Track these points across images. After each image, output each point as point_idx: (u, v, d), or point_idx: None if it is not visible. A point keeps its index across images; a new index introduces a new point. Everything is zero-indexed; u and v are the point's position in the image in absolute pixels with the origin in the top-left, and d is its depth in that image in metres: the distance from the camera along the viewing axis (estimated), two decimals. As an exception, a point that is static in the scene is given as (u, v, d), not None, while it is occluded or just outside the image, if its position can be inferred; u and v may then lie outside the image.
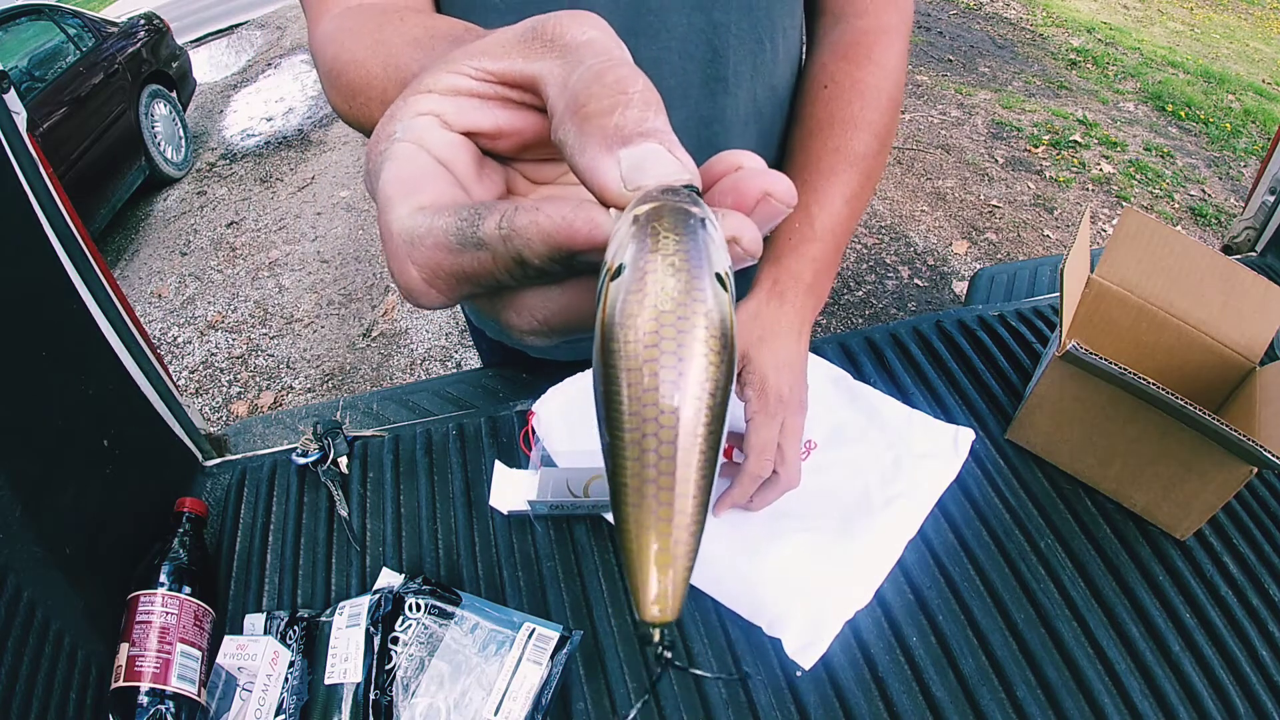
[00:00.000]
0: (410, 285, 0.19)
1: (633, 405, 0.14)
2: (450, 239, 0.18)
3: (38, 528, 0.55)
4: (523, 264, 0.18)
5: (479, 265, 0.18)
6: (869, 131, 0.59)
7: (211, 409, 2.42)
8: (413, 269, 0.19)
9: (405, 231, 0.19)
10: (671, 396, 0.13)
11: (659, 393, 0.13)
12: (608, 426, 0.14)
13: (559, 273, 0.18)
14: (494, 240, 0.17)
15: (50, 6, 3.45)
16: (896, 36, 0.62)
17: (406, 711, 0.55)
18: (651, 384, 0.13)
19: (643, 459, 0.14)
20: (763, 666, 0.58)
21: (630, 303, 0.14)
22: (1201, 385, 0.70)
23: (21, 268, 0.60)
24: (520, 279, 0.18)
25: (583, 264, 0.18)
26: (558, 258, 0.17)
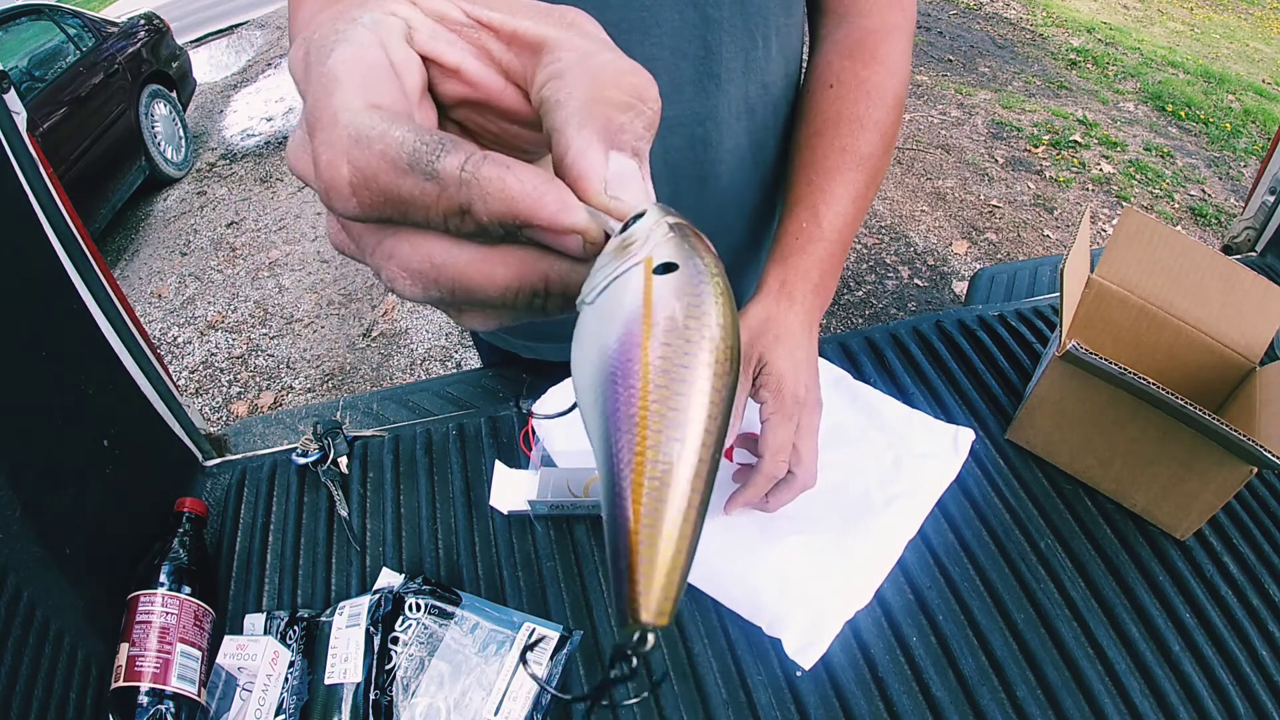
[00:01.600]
0: (333, 182, 0.17)
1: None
2: (403, 156, 0.17)
3: (38, 528, 0.55)
4: (465, 213, 0.17)
5: (419, 194, 0.17)
6: (875, 131, 0.59)
7: (211, 409, 2.42)
8: (345, 167, 0.17)
9: (354, 125, 0.17)
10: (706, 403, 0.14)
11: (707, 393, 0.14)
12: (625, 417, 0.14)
13: (495, 235, 0.18)
14: (450, 178, 0.17)
15: (50, 6, 3.45)
16: (900, 35, 0.62)
17: (406, 711, 0.55)
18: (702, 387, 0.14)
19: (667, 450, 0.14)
20: (763, 666, 0.58)
21: (706, 297, 0.15)
22: (1201, 385, 0.70)
23: (21, 268, 0.60)
24: (450, 225, 0.17)
25: (524, 237, 0.18)
26: (506, 222, 0.17)
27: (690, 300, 0.15)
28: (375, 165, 0.17)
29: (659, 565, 0.14)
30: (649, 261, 0.16)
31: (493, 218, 0.17)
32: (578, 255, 0.18)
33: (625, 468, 0.14)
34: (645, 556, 0.14)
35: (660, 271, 0.15)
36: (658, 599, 0.14)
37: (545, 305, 0.19)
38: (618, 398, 0.14)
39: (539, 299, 0.18)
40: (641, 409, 0.14)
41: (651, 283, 0.15)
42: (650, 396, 0.14)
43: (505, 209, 0.17)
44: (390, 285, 0.18)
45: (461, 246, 0.18)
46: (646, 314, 0.15)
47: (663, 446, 0.14)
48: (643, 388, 0.14)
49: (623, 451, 0.14)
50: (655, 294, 0.15)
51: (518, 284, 0.18)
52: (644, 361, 0.14)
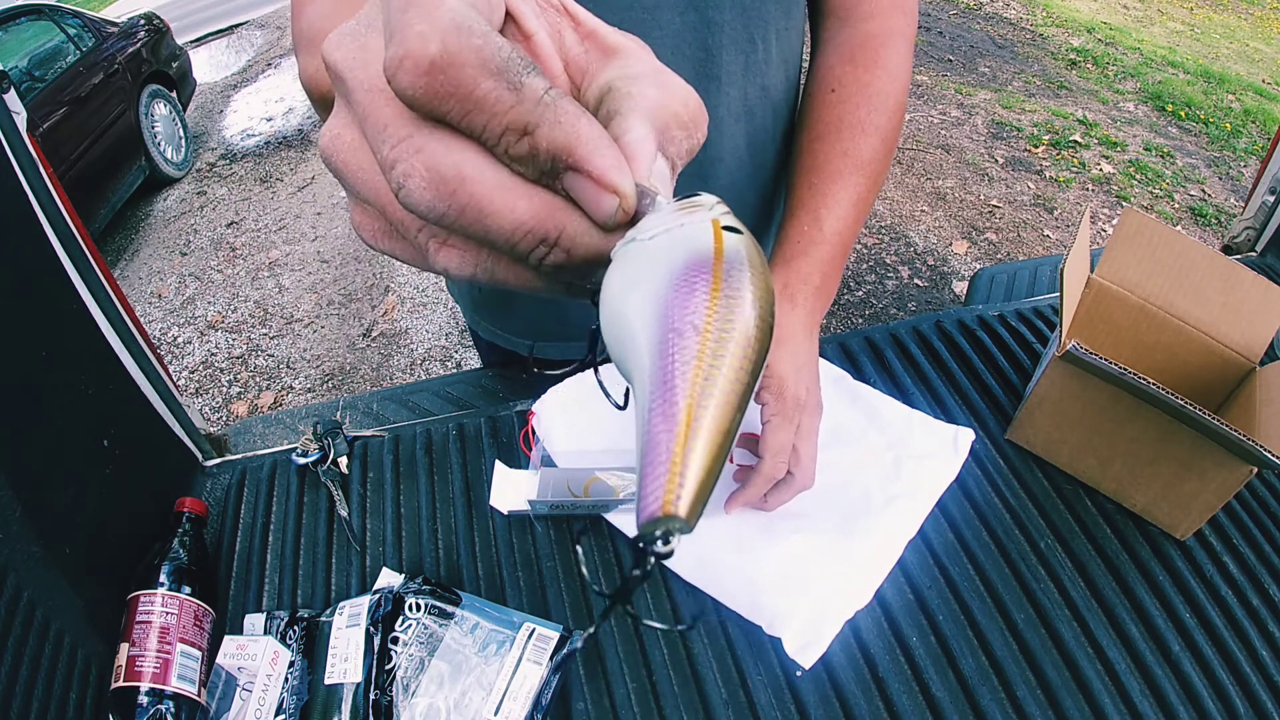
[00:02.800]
0: (417, 53, 0.17)
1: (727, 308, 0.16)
2: (497, 59, 0.17)
3: (38, 528, 0.55)
4: (526, 134, 0.17)
5: (494, 99, 0.17)
6: (876, 136, 0.59)
7: (211, 409, 2.42)
8: (436, 43, 0.17)
9: (461, 13, 0.17)
10: (755, 313, 0.16)
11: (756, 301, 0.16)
12: (678, 319, 0.15)
13: (539, 168, 0.18)
14: (531, 94, 0.17)
15: (50, 6, 3.45)
16: (902, 40, 0.62)
17: (406, 711, 0.55)
18: (753, 323, 0.16)
19: (719, 351, 0.15)
20: (762, 666, 0.58)
21: (760, 259, 0.17)
22: (1201, 385, 0.70)
23: (21, 268, 0.60)
24: (505, 142, 0.18)
25: (560, 186, 0.18)
26: (558, 159, 0.18)
27: (749, 256, 0.16)
28: (466, 56, 0.17)
29: (696, 466, 0.14)
30: (717, 222, 0.17)
31: (551, 147, 0.17)
32: (603, 219, 0.18)
33: (680, 369, 0.15)
34: (690, 453, 0.14)
35: (727, 230, 0.17)
36: (691, 496, 0.14)
37: (545, 257, 0.19)
38: (685, 308, 0.15)
39: (544, 248, 0.18)
40: (707, 320, 0.15)
41: (721, 235, 0.17)
42: (714, 314, 0.15)
43: (567, 143, 0.17)
44: (402, 182, 0.18)
45: (495, 168, 0.18)
46: (718, 250, 0.16)
47: (716, 359, 0.15)
48: (711, 304, 0.15)
49: (683, 354, 0.15)
50: (725, 243, 0.17)
51: (532, 224, 0.18)
52: (714, 284, 0.16)
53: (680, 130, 0.20)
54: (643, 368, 0.16)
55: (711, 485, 0.14)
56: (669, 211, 0.18)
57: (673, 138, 0.20)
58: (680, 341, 0.15)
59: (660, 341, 0.15)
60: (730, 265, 0.16)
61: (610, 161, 0.18)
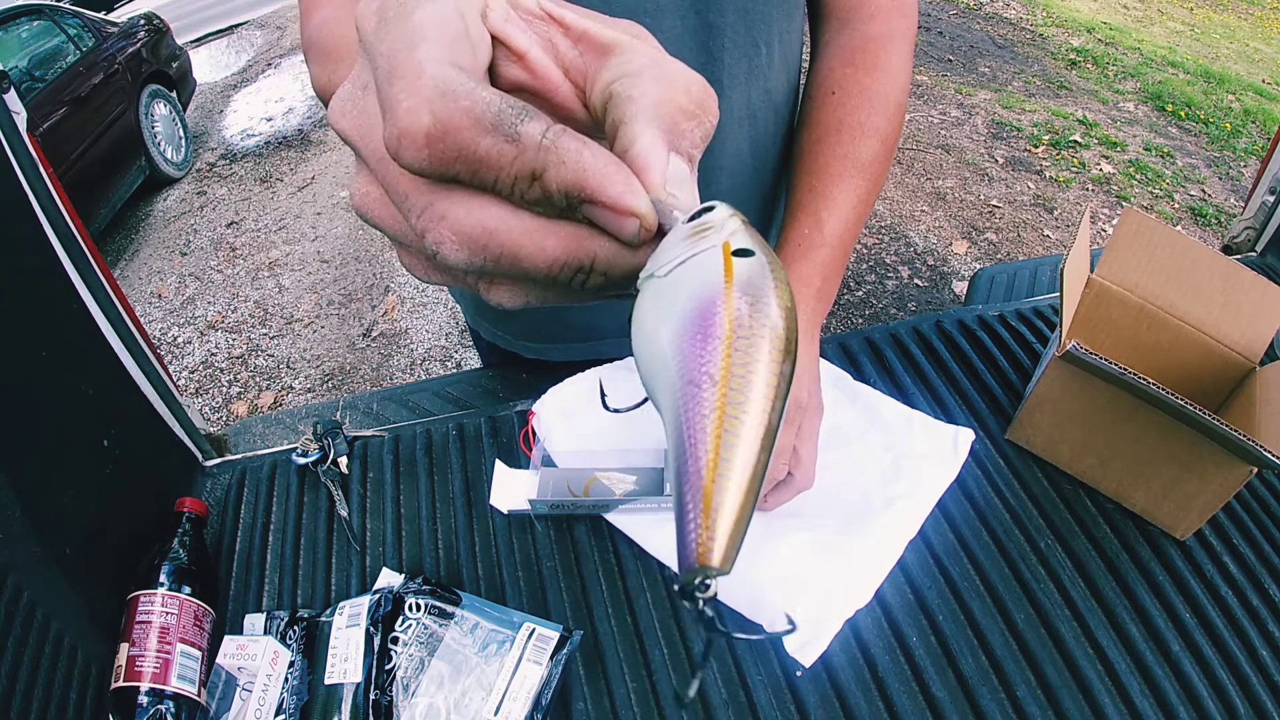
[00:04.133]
0: (411, 129, 0.17)
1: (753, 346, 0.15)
2: (488, 115, 0.17)
3: (38, 528, 0.55)
4: (535, 179, 0.18)
5: (495, 154, 0.17)
6: (876, 138, 0.59)
7: (211, 409, 2.42)
8: (427, 116, 0.17)
9: (441, 77, 0.17)
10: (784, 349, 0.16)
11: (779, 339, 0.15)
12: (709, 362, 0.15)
13: (557, 206, 0.18)
14: (530, 142, 0.17)
15: (50, 6, 3.45)
16: (902, 42, 0.62)
17: (406, 711, 0.55)
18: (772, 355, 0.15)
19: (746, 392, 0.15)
20: (762, 666, 0.58)
21: (776, 279, 0.16)
22: (1201, 385, 0.70)
23: (21, 268, 0.60)
24: (517, 190, 0.18)
25: (581, 215, 0.18)
26: (571, 196, 0.18)
27: (762, 284, 0.16)
28: (459, 119, 0.17)
29: (727, 515, 0.14)
30: (727, 245, 0.17)
31: (562, 187, 0.18)
32: (628, 239, 0.19)
33: (702, 421, 0.15)
34: (718, 505, 0.14)
35: (738, 255, 0.17)
36: (723, 548, 0.14)
37: (585, 283, 0.19)
38: (697, 358, 0.15)
39: (582, 275, 0.19)
40: (724, 368, 0.15)
41: (732, 262, 0.16)
42: (730, 360, 0.15)
43: (576, 180, 0.17)
44: (435, 248, 0.18)
45: (517, 215, 0.18)
46: (728, 286, 0.16)
47: (738, 406, 0.15)
48: (725, 350, 0.15)
49: (701, 406, 0.15)
50: (736, 270, 0.16)
51: (565, 258, 0.19)
52: (727, 329, 0.15)
53: (688, 121, 0.20)
54: (669, 413, 0.16)
55: (743, 531, 0.15)
56: (683, 235, 0.18)
57: (682, 131, 0.19)
58: (698, 394, 0.15)
59: (680, 394, 0.15)
60: (741, 300, 0.16)
61: (621, 188, 0.18)
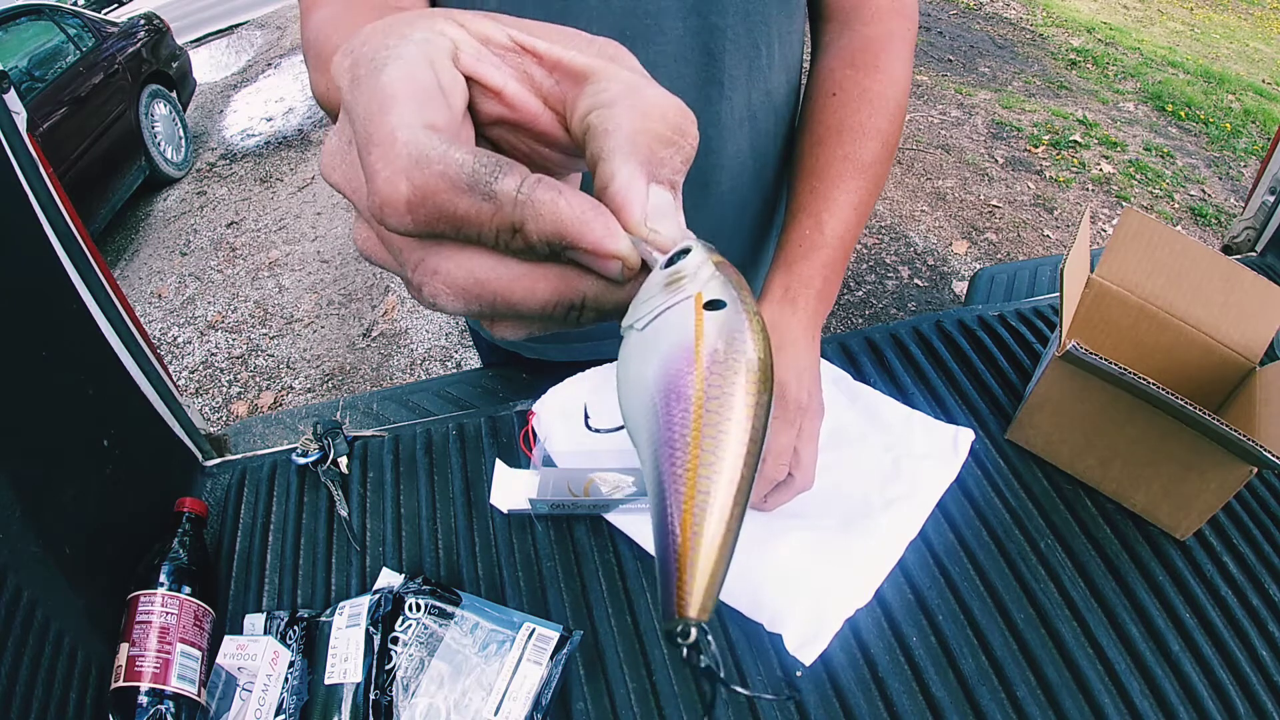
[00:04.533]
0: (391, 199, 0.18)
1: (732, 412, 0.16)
2: (462, 177, 0.18)
3: (38, 528, 0.55)
4: (516, 231, 0.18)
5: (474, 213, 0.18)
6: (877, 139, 0.60)
7: (211, 409, 2.42)
8: (404, 184, 0.18)
9: (414, 144, 0.18)
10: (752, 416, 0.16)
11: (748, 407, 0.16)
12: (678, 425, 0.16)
13: (540, 254, 0.19)
14: (506, 199, 0.18)
15: (50, 6, 3.45)
16: (902, 43, 0.62)
17: (406, 711, 0.55)
18: (745, 413, 0.16)
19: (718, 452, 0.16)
20: (763, 666, 0.58)
21: (750, 337, 0.17)
22: (1201, 385, 0.70)
23: (21, 268, 0.60)
24: (500, 242, 0.18)
25: (568, 258, 0.19)
26: (553, 244, 0.18)
27: (734, 335, 0.17)
28: (435, 184, 0.18)
29: (702, 571, 0.15)
30: (699, 297, 0.17)
31: (542, 237, 0.18)
32: (614, 279, 0.19)
33: (676, 483, 0.16)
34: (691, 563, 0.15)
35: (709, 307, 0.17)
36: (700, 599, 0.15)
37: (579, 318, 0.20)
38: (670, 420, 0.16)
39: (574, 312, 0.20)
40: (694, 432, 0.16)
41: (702, 318, 0.17)
42: (700, 421, 0.16)
43: (555, 230, 0.18)
44: (432, 300, 0.19)
45: (505, 264, 0.19)
46: (698, 348, 0.17)
47: (709, 466, 0.15)
48: (695, 413, 0.16)
49: (674, 468, 0.16)
50: (705, 329, 0.17)
51: (556, 299, 0.19)
52: (697, 391, 0.16)
53: (667, 149, 0.20)
54: (647, 470, 0.16)
55: (719, 584, 0.15)
56: (659, 284, 0.18)
57: (661, 160, 0.19)
58: (672, 455, 0.16)
59: (658, 453, 0.16)
60: (711, 360, 0.16)
61: (600, 233, 0.18)
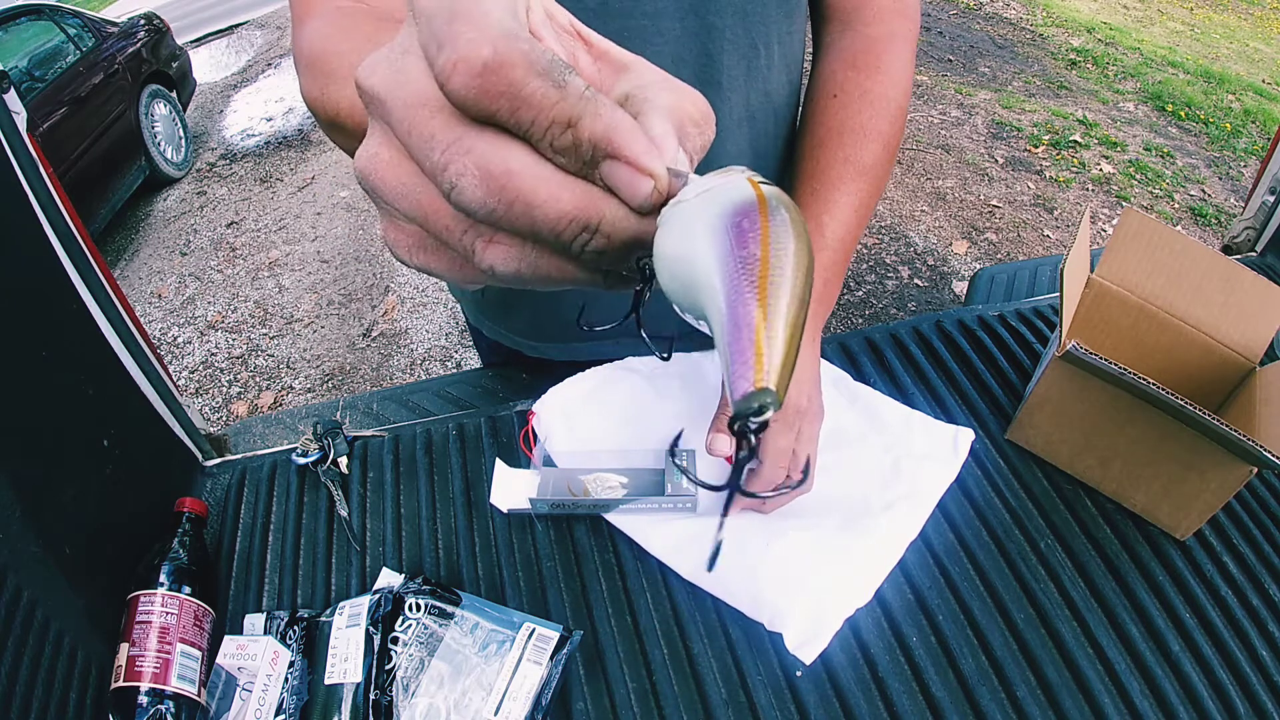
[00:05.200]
0: (470, 57, 0.18)
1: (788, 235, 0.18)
2: (541, 62, 0.18)
3: (38, 528, 0.55)
4: (570, 127, 0.19)
5: (541, 96, 0.19)
6: (878, 142, 0.59)
7: (211, 409, 2.42)
8: (488, 48, 0.18)
9: (506, 22, 0.19)
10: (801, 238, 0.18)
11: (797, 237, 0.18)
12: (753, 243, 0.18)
13: (581, 158, 0.20)
14: (575, 91, 0.19)
15: (50, 6, 3.45)
16: (904, 44, 0.62)
17: (406, 711, 0.55)
18: (799, 255, 0.17)
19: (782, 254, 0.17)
20: (762, 666, 0.58)
21: (797, 209, 0.19)
22: (1201, 385, 0.70)
23: (21, 268, 0.60)
24: (551, 135, 0.19)
25: (599, 177, 0.20)
26: (599, 147, 0.19)
27: (786, 202, 0.19)
28: (516, 57, 0.18)
29: (779, 341, 0.16)
30: (751, 178, 0.19)
31: (593, 137, 0.19)
32: (640, 203, 0.20)
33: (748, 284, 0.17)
34: (770, 329, 0.16)
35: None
36: (777, 369, 0.15)
37: (587, 244, 0.20)
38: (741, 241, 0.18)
39: (586, 234, 0.20)
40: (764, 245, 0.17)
41: (758, 185, 0.19)
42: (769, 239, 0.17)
43: (606, 133, 0.19)
44: (454, 182, 0.19)
45: (540, 164, 0.20)
46: (761, 197, 0.18)
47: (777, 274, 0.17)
48: (763, 239, 0.17)
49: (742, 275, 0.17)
50: (764, 191, 0.19)
51: (574, 213, 0.20)
52: (763, 226, 0.18)
53: (694, 128, 0.22)
54: (715, 291, 0.17)
55: (793, 362, 0.16)
56: (704, 177, 0.20)
57: (688, 134, 0.22)
58: (746, 262, 0.17)
59: (728, 267, 0.17)
60: (772, 204, 0.18)
61: (644, 147, 0.20)
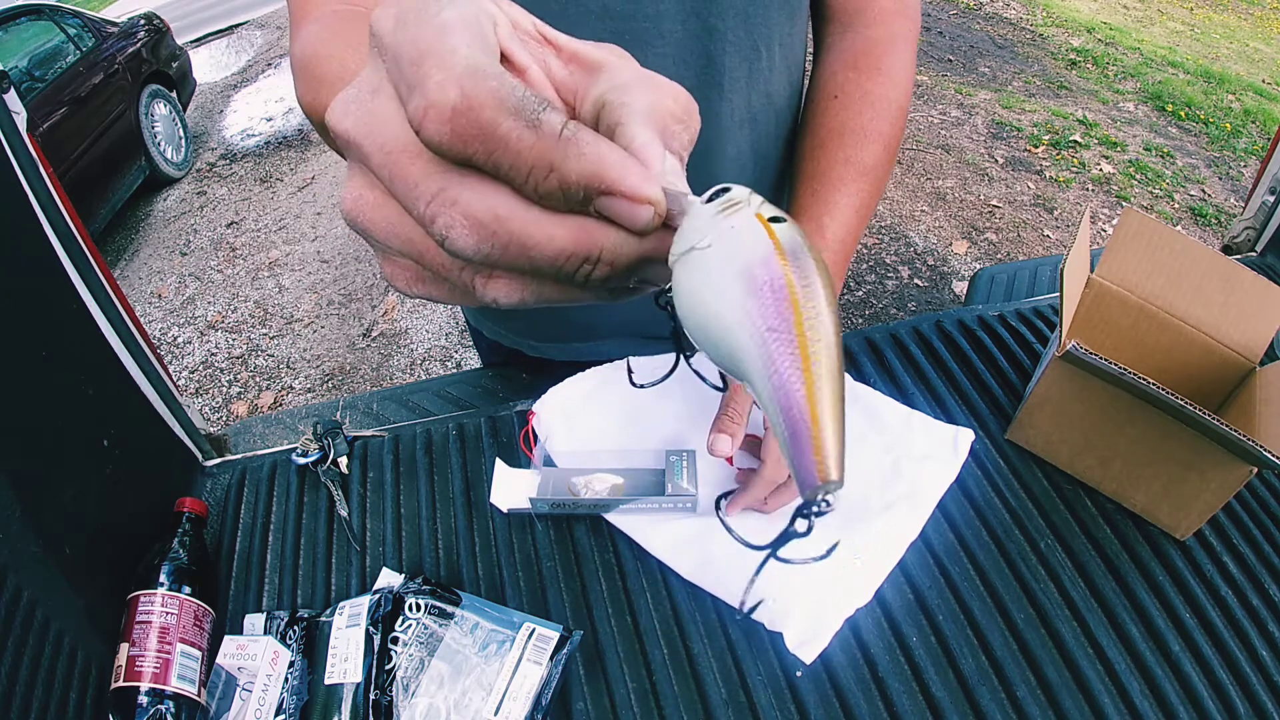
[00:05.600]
0: (439, 102, 0.18)
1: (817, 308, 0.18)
2: (512, 100, 0.18)
3: (38, 528, 0.55)
4: (553, 171, 0.18)
5: (515, 139, 0.18)
6: (879, 142, 0.59)
7: (211, 409, 2.42)
8: (455, 90, 0.18)
9: (472, 59, 0.18)
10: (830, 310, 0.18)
11: (825, 306, 0.18)
12: (785, 328, 0.18)
13: (572, 200, 0.19)
14: (551, 131, 0.18)
15: (50, 6, 3.45)
16: (905, 45, 0.62)
17: (406, 711, 0.55)
18: (828, 300, 0.18)
19: (816, 346, 0.17)
20: (762, 666, 0.58)
21: (808, 239, 0.19)
22: (1201, 385, 0.70)
23: (21, 268, 0.60)
24: (531, 180, 0.18)
25: (593, 209, 0.19)
26: (589, 187, 0.18)
27: (801, 241, 0.18)
28: (484, 97, 0.18)
29: (832, 434, 0.16)
30: (761, 215, 0.19)
31: (580, 178, 0.18)
32: (641, 228, 0.19)
33: (789, 361, 0.17)
34: (824, 428, 0.16)
35: (772, 222, 0.19)
36: (836, 461, 0.16)
37: (590, 274, 0.20)
38: (764, 309, 0.17)
39: (587, 266, 0.19)
40: (796, 315, 0.17)
41: (772, 228, 0.18)
42: (800, 306, 0.17)
43: (595, 170, 0.18)
44: (445, 233, 0.19)
45: (527, 205, 0.19)
46: (778, 246, 0.18)
47: (815, 343, 0.17)
48: (791, 298, 0.17)
49: (782, 349, 0.17)
50: (778, 233, 0.18)
51: (573, 248, 0.19)
52: (788, 281, 0.17)
53: (678, 124, 0.21)
54: (753, 365, 0.18)
55: (844, 446, 0.17)
56: (712, 212, 0.19)
57: (673, 133, 0.21)
58: (779, 338, 0.17)
59: (761, 342, 0.17)
60: (794, 257, 0.18)
61: (638, 177, 0.19)
